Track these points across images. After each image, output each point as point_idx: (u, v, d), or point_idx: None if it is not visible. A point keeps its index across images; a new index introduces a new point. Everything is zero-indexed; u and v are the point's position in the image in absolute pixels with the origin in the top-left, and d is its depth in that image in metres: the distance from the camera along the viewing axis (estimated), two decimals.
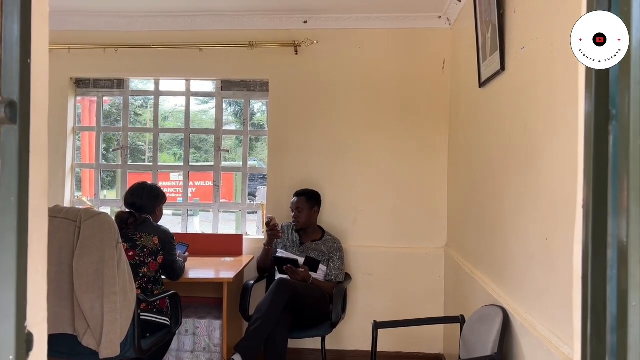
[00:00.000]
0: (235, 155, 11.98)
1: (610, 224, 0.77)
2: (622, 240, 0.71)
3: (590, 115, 0.80)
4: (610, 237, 0.77)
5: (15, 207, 0.83)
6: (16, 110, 0.82)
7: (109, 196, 10.47)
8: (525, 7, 2.09)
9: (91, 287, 2.26)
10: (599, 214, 0.79)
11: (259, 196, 9.70)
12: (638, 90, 0.69)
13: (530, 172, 1.97)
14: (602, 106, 0.78)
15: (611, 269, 0.77)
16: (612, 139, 0.77)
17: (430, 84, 3.70)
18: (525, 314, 1.98)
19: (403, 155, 3.72)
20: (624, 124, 0.72)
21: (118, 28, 3.78)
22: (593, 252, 0.81)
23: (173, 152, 16.00)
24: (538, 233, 1.88)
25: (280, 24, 3.72)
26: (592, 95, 0.80)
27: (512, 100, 2.23)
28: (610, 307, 0.77)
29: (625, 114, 0.71)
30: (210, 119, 15.66)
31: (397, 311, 3.60)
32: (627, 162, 0.71)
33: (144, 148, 14.22)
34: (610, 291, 0.77)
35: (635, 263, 0.69)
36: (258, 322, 2.83)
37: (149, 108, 14.56)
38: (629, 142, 0.70)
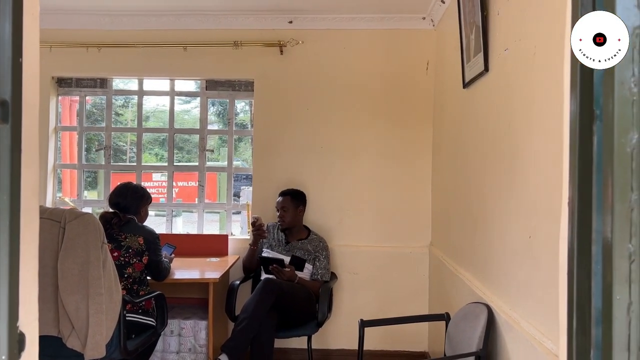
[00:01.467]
0: (218, 155, 11.91)
1: (594, 221, 0.80)
2: (607, 236, 0.74)
3: (575, 115, 0.82)
4: (594, 233, 0.80)
5: (7, 207, 0.82)
6: (8, 109, 0.82)
7: (90, 197, 10.33)
8: (509, 9, 2.13)
9: (76, 288, 2.24)
10: (584, 210, 0.82)
11: (244, 196, 9.67)
12: (621, 91, 0.71)
13: (514, 172, 2.01)
14: (587, 106, 0.81)
15: (596, 264, 0.80)
16: (596, 138, 0.80)
17: (414, 84, 3.74)
18: (510, 310, 2.01)
19: (388, 154, 3.75)
20: (608, 124, 0.75)
21: (101, 27, 3.75)
22: (578, 248, 0.83)
23: (155, 152, 15.86)
24: (521, 231, 1.91)
25: (265, 24, 3.72)
26: (577, 95, 0.82)
27: (495, 101, 2.27)
28: (595, 302, 0.79)
29: (609, 114, 0.74)
30: (192, 119, 15.55)
31: (382, 310, 3.63)
32: (611, 160, 0.73)
33: (125, 148, 14.06)
34: (595, 286, 0.79)
35: (619, 258, 0.72)
36: (244, 322, 2.83)
37: (130, 107, 14.40)
38: (613, 142, 0.73)
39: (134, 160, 4.01)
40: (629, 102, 0.71)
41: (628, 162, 0.71)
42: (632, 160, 0.71)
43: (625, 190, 0.72)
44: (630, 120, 0.71)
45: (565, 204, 0.87)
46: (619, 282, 0.71)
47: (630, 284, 0.70)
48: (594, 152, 0.80)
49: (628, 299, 0.71)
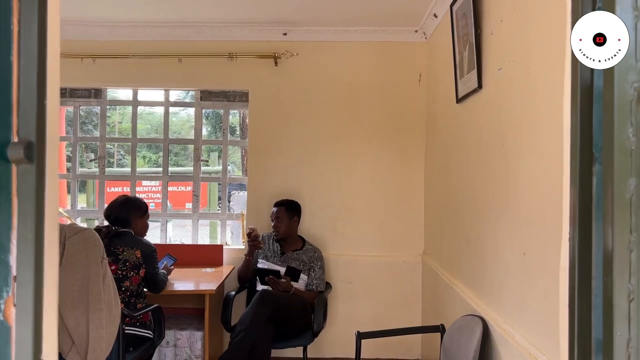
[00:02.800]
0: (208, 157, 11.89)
1: (594, 258, 0.85)
2: (607, 275, 0.79)
3: (575, 159, 0.87)
4: (594, 270, 0.85)
5: (32, 245, 0.85)
6: (33, 150, 0.84)
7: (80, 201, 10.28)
8: (502, 30, 2.19)
9: (76, 304, 2.25)
10: (584, 249, 0.86)
11: (234, 201, 9.67)
12: (620, 140, 0.76)
13: (507, 189, 2.06)
14: (587, 146, 0.85)
15: (596, 298, 0.85)
16: (595, 180, 0.84)
17: (407, 96, 3.79)
18: (504, 324, 2.07)
19: (381, 165, 3.81)
20: (607, 168, 0.79)
21: (96, 37, 3.75)
22: (579, 282, 0.88)
23: (142, 154, 15.79)
24: (515, 248, 1.97)
25: (260, 36, 3.75)
26: (577, 138, 0.87)
27: (490, 118, 2.32)
28: (595, 333, 0.84)
29: (608, 160, 0.78)
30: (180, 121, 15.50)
31: (376, 318, 3.68)
32: (610, 204, 0.78)
33: (113, 151, 14.00)
34: (595, 318, 0.84)
35: (619, 296, 0.77)
36: (241, 334, 2.86)
37: (117, 109, 14.34)
38: (613, 187, 0.78)
39: (121, 164, 4.02)
40: (627, 151, 0.75)
41: (627, 207, 0.76)
42: (630, 205, 0.75)
43: (624, 232, 0.76)
44: (628, 168, 0.75)
45: (565, 239, 0.92)
46: (619, 319, 0.76)
47: (629, 321, 0.75)
48: (593, 192, 0.85)
49: (627, 335, 0.76)
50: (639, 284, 0.76)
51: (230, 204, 9.98)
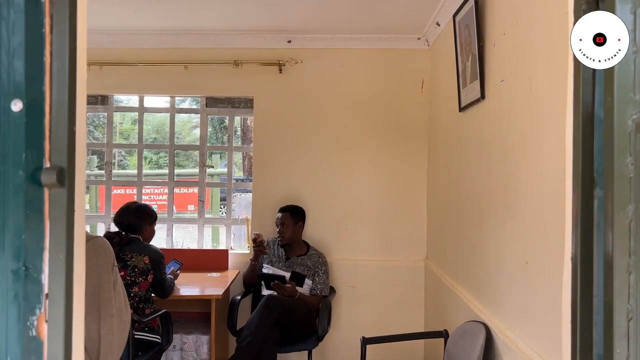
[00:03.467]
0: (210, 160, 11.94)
1: (595, 277, 0.90)
2: (608, 296, 0.84)
3: (577, 182, 0.92)
4: (595, 289, 0.90)
5: (63, 264, 0.90)
6: (64, 175, 0.89)
7: None
8: (505, 42, 2.24)
9: (88, 310, 2.28)
10: (586, 267, 0.91)
11: (236, 203, 9.72)
12: (620, 167, 0.81)
13: (509, 199, 2.11)
14: (587, 173, 0.90)
15: (597, 315, 0.89)
16: (596, 202, 0.89)
17: (410, 102, 3.84)
18: (507, 330, 2.11)
19: (384, 170, 3.86)
20: (607, 194, 0.84)
21: (103, 45, 3.80)
22: (581, 300, 0.93)
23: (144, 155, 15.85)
24: (518, 257, 2.01)
25: (264, 44, 3.80)
26: (579, 164, 0.92)
27: (492, 129, 2.37)
28: (597, 349, 0.89)
29: (609, 186, 0.83)
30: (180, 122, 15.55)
31: (379, 323, 3.73)
32: (611, 228, 0.83)
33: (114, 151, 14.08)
34: (597, 334, 0.89)
35: (619, 316, 0.81)
36: (248, 338, 2.91)
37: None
38: (613, 213, 0.83)
39: (122, 165, 4.08)
40: (626, 179, 0.80)
41: (626, 232, 0.81)
42: (629, 230, 0.80)
43: (623, 255, 0.81)
44: (627, 195, 0.80)
45: (567, 259, 0.96)
46: (619, 337, 0.81)
47: (628, 340, 0.80)
48: (594, 215, 0.90)
49: (626, 352, 0.81)
50: (638, 305, 0.81)
51: (233, 205, 10.06)
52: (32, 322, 0.89)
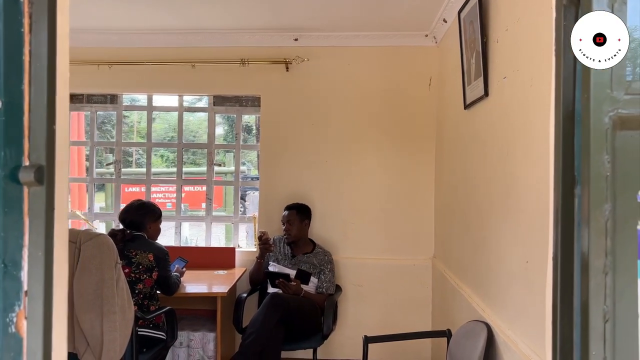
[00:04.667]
0: (224, 157, 12.01)
1: (575, 276, 0.88)
2: (584, 295, 0.82)
3: (558, 180, 0.90)
4: (575, 288, 0.88)
5: (42, 262, 0.91)
6: (43, 173, 0.90)
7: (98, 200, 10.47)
8: (507, 39, 2.20)
9: (91, 307, 2.33)
10: (566, 267, 0.90)
11: (249, 201, 9.76)
12: (596, 167, 0.79)
13: (510, 197, 2.08)
14: (569, 171, 0.88)
15: (577, 316, 0.88)
16: (577, 201, 0.88)
17: (417, 100, 3.81)
18: (508, 330, 2.09)
19: (391, 168, 3.83)
20: (585, 192, 0.83)
21: (111, 45, 3.85)
22: (561, 299, 0.91)
23: (160, 154, 16.01)
24: (518, 255, 1.99)
25: (271, 42, 3.81)
26: (560, 162, 0.90)
27: (495, 126, 2.34)
28: (577, 351, 0.87)
29: (585, 184, 0.81)
30: (197, 120, 15.66)
31: (386, 322, 3.71)
32: (587, 227, 0.81)
33: (131, 150, 14.25)
34: (576, 337, 0.87)
35: (594, 315, 0.80)
36: (252, 336, 2.92)
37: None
38: (589, 212, 0.81)
39: (140, 163, 4.11)
40: (602, 177, 0.78)
41: (602, 231, 0.79)
42: (606, 230, 0.78)
43: (600, 255, 0.80)
44: (604, 193, 0.78)
45: (550, 259, 0.95)
46: (595, 339, 0.79)
47: (604, 342, 0.78)
48: (575, 213, 0.88)
49: (603, 355, 0.79)
50: (615, 306, 0.79)
51: (245, 203, 10.08)
52: (11, 319, 0.90)
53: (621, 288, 0.79)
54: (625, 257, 0.78)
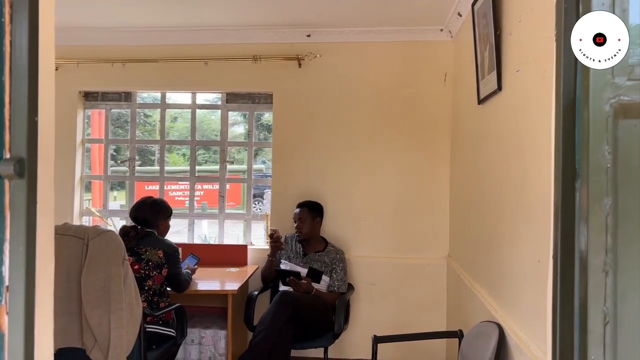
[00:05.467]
0: (243, 156, 12.06)
1: (576, 275, 0.82)
2: (583, 295, 0.76)
3: (558, 174, 0.85)
4: (576, 287, 0.83)
5: (23, 257, 0.89)
6: (24, 165, 0.88)
7: (119, 198, 10.61)
8: (520, 30, 2.13)
9: (98, 303, 2.33)
10: (567, 266, 0.84)
11: (267, 199, 9.78)
12: (596, 158, 0.74)
13: (522, 194, 2.02)
14: (569, 165, 0.83)
15: (577, 319, 0.82)
16: (578, 195, 0.82)
17: (432, 96, 3.74)
18: (520, 332, 2.02)
19: (405, 165, 3.77)
20: (584, 186, 0.77)
21: (125, 42, 3.86)
22: (561, 299, 0.86)
23: (182, 152, 16.16)
24: (531, 254, 1.92)
25: (284, 38, 3.78)
26: (560, 154, 0.84)
27: (508, 121, 2.27)
28: (577, 355, 0.82)
29: (585, 178, 0.76)
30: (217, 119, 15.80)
31: (399, 321, 3.65)
32: (586, 223, 0.76)
33: (153, 149, 14.42)
34: (576, 340, 0.82)
35: (593, 318, 0.74)
36: (261, 334, 2.90)
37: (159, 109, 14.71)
38: (589, 202, 0.75)
39: (160, 163, 4.13)
40: (602, 169, 0.73)
41: (602, 227, 0.73)
42: (606, 225, 0.73)
43: (599, 253, 0.74)
44: (604, 187, 0.73)
45: (550, 257, 0.89)
46: (594, 343, 0.74)
47: (604, 346, 0.73)
48: (575, 208, 0.82)
49: (602, 359, 0.73)
50: (616, 307, 0.74)
51: (264, 201, 10.09)
52: None
53: (623, 288, 0.73)
54: (627, 255, 0.73)
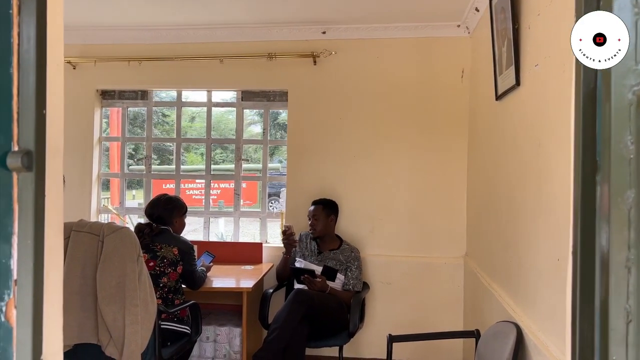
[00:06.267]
0: (259, 155, 12.12)
1: (596, 273, 0.79)
2: (604, 293, 0.73)
3: (577, 166, 0.81)
4: (596, 285, 0.79)
5: (31, 250, 0.88)
6: (32, 158, 0.88)
7: (138, 197, 10.70)
8: (539, 24, 2.08)
9: (113, 299, 2.34)
10: (587, 263, 0.81)
11: (283, 198, 9.78)
12: (618, 149, 0.70)
13: (543, 191, 1.97)
14: (589, 157, 0.80)
15: (597, 319, 0.79)
16: (598, 189, 0.79)
17: (449, 92, 3.69)
18: (539, 332, 1.97)
19: (421, 163, 3.73)
20: (605, 179, 0.74)
21: (141, 41, 3.89)
22: (581, 298, 0.82)
23: (200, 151, 16.26)
24: (550, 253, 1.87)
25: (299, 35, 3.76)
26: (580, 146, 0.81)
27: (526, 117, 2.22)
28: (598, 355, 0.78)
29: (606, 171, 0.73)
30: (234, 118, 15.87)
31: (416, 321, 3.61)
32: (607, 218, 0.72)
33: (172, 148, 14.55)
34: (596, 339, 0.79)
35: (615, 316, 0.71)
36: (275, 332, 2.88)
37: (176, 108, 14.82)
38: (610, 195, 0.72)
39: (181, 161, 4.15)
40: (625, 160, 0.70)
41: (625, 221, 0.70)
42: (629, 219, 0.70)
43: (621, 249, 0.71)
44: (626, 179, 0.70)
45: (570, 253, 0.86)
46: (616, 342, 0.70)
47: (627, 346, 0.70)
48: (596, 202, 0.79)
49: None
50: (638, 305, 0.70)
51: (280, 200, 10.10)
52: (0, 308, 0.88)
53: None
54: None
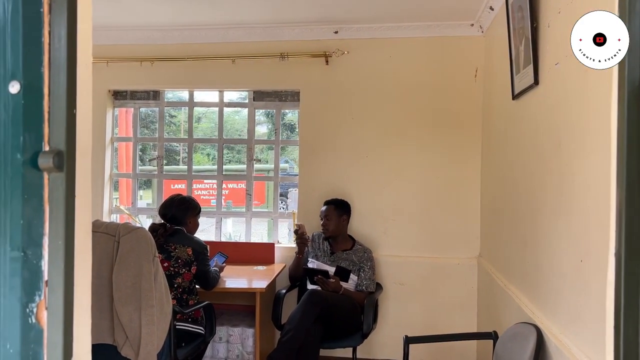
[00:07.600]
0: (267, 156, 12.11)
1: None
2: None
3: (621, 164, 0.79)
4: None
5: (62, 251, 0.87)
6: (63, 159, 0.87)
7: (145, 197, 10.74)
8: (559, 22, 2.06)
9: (129, 300, 2.33)
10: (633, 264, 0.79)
11: (291, 198, 9.76)
12: None
13: (564, 192, 1.94)
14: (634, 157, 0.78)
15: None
16: None
17: (462, 92, 3.67)
18: (560, 334, 1.95)
19: (434, 163, 3.71)
20: None
21: (153, 41, 3.89)
22: (625, 299, 0.80)
23: (207, 152, 16.30)
24: (572, 254, 1.85)
25: (311, 35, 3.75)
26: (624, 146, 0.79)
27: (546, 117, 2.20)
28: None
29: None
30: (242, 119, 15.86)
31: (429, 322, 3.59)
32: None
33: (179, 148, 14.56)
34: None
35: None
36: (289, 333, 2.87)
37: (183, 109, 14.82)
38: None
39: (186, 161, 4.15)
40: None
41: None
42: None
43: None
44: None
45: (612, 254, 0.84)
46: None
47: None
48: None
49: None
50: None
51: (287, 200, 10.08)
52: (31, 309, 0.87)
53: None
54: None
